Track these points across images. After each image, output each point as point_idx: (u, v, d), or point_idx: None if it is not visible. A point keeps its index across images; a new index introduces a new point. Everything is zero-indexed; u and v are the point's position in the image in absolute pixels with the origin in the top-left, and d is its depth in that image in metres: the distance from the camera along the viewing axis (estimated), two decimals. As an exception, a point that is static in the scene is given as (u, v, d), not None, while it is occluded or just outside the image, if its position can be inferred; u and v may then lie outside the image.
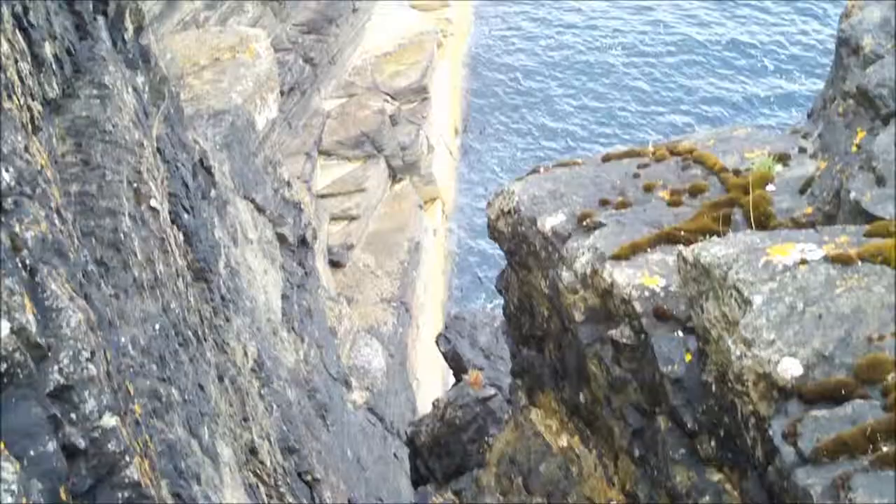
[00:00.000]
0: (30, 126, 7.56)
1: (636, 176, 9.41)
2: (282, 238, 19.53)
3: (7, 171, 6.15)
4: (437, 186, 37.63)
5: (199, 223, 13.99)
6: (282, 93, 28.77)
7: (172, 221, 12.56)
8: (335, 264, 32.40)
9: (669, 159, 9.52)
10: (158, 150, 12.99)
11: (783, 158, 8.99)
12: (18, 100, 7.42)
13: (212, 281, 13.86)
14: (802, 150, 9.14)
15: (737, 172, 8.90)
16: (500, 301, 12.17)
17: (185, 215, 13.33)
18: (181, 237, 13.02)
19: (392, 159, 35.85)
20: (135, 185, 10.93)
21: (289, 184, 21.02)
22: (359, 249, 33.33)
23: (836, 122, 8.65)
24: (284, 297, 18.43)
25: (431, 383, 32.29)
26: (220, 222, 15.69)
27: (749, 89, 41.30)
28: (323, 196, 33.59)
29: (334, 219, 33.38)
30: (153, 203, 11.24)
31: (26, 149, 6.69)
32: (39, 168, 6.94)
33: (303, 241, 20.73)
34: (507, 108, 41.73)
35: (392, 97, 37.61)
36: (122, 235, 10.04)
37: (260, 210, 18.83)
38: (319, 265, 26.60)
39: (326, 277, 29.09)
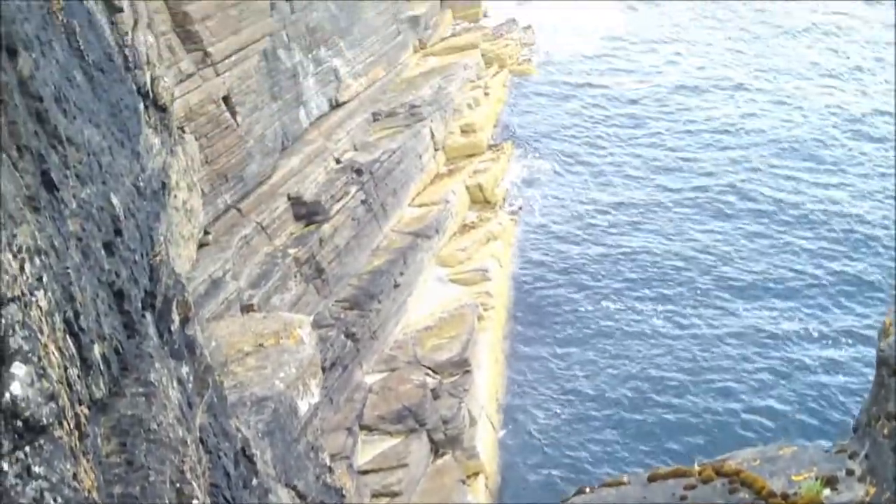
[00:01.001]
0: (77, 443, 7.62)
1: (683, 498, 9.31)
2: (324, 526, 19.31)
3: (56, 500, 6.20)
4: (481, 460, 37.14)
5: (240, 513, 13.88)
6: (323, 369, 29.00)
7: (214, 514, 12.46)
8: (378, 543, 31.79)
9: (716, 480, 9.42)
10: (201, 439, 13.03)
11: (831, 482, 8.88)
12: (69, 423, 7.51)
13: (252, 576, 13.64)
14: (850, 473, 9.04)
15: (785, 496, 8.78)
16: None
17: (226, 506, 13.24)
18: (222, 535, 12.87)
19: (434, 433, 35.59)
20: (178, 485, 10.88)
21: (330, 469, 20.92)
22: (402, 527, 32.72)
23: (882, 443, 8.58)
24: (326, 589, 18.08)
25: None
26: (261, 512, 15.54)
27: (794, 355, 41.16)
28: (364, 472, 33.26)
29: (376, 495, 32.85)
30: (195, 504, 11.19)
31: (74, 476, 6.75)
32: (86, 494, 6.99)
33: (344, 529, 20.49)
34: (549, 380, 41.59)
35: (433, 371, 37.74)
36: (164, 540, 9.96)
37: (301, 497, 18.66)
38: (361, 546, 26.13)
39: (368, 559, 28.52)
